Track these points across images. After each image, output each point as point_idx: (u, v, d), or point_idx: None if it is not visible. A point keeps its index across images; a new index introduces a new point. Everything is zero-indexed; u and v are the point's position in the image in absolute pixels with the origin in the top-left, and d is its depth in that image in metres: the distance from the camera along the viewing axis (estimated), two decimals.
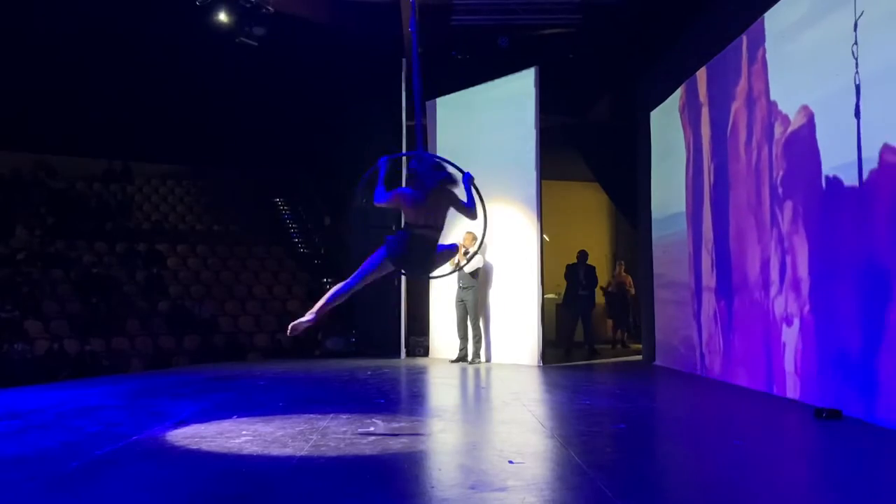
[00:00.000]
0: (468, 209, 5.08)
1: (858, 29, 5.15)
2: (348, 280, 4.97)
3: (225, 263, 15.23)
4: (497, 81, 10.18)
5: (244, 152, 16.21)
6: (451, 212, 5.22)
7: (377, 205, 5.07)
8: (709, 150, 8.11)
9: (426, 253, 4.99)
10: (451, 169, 4.98)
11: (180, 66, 12.77)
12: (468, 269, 9.64)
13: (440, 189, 4.93)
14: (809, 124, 5.93)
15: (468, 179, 5.07)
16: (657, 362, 9.71)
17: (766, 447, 4.54)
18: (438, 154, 5.58)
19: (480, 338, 9.83)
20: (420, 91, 5.52)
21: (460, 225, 10.05)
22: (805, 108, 6.00)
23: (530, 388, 7.66)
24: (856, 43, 5.15)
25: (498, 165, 9.96)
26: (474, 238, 9.72)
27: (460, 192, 5.02)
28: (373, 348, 11.66)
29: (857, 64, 5.15)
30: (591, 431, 4.99)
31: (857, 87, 5.18)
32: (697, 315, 8.46)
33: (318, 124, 14.24)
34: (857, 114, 5.18)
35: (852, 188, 5.28)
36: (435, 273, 5.53)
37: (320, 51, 11.10)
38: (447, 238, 10.53)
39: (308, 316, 4.97)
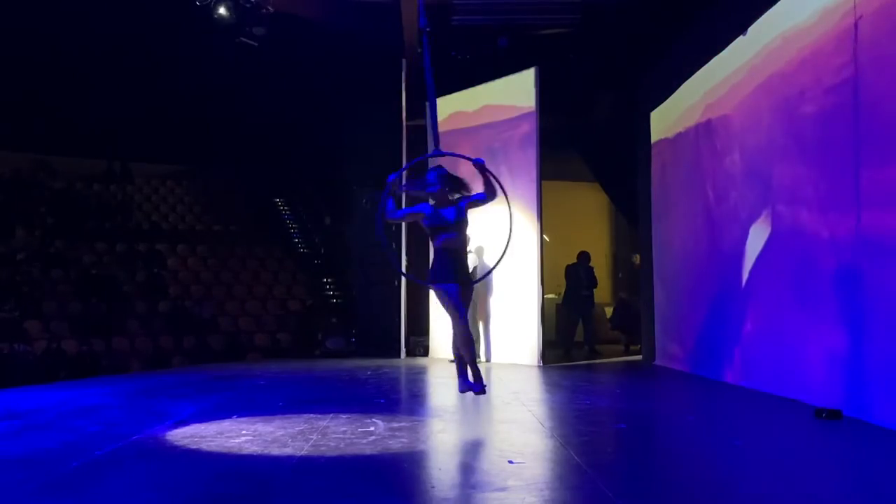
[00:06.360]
0: (484, 197, 5.43)
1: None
2: (459, 326, 5.41)
3: (225, 263, 15.22)
4: (497, 81, 10.18)
5: (244, 152, 16.21)
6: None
7: (389, 220, 5.39)
8: (709, 148, 8.11)
9: (462, 263, 5.42)
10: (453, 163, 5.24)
11: (180, 66, 12.78)
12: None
13: (449, 194, 5.33)
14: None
15: (482, 164, 5.40)
16: (657, 362, 9.71)
17: (766, 447, 4.53)
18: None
19: (480, 337, 9.81)
20: (433, 88, 5.67)
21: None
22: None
23: (530, 387, 7.66)
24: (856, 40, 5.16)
25: (498, 166, 9.95)
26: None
27: (477, 186, 5.37)
28: (373, 348, 11.65)
29: (856, 65, 5.16)
30: (591, 431, 4.99)
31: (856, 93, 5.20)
32: (697, 315, 8.45)
33: (318, 124, 14.24)
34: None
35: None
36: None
37: (320, 51, 11.10)
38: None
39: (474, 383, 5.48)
